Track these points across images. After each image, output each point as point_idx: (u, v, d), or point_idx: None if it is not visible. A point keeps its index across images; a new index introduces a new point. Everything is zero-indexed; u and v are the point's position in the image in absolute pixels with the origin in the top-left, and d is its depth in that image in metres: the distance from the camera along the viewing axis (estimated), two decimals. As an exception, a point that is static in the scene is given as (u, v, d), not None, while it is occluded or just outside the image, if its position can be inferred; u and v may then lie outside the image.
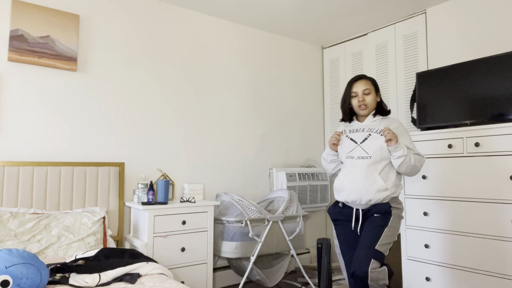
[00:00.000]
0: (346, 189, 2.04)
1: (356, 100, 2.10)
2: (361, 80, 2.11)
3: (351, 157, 2.06)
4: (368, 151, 2.01)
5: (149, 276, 1.95)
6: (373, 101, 2.09)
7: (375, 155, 2.00)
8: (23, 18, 2.52)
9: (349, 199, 2.04)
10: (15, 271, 1.52)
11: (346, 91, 2.14)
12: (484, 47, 2.93)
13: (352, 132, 2.12)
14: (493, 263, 2.35)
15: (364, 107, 2.08)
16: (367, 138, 2.05)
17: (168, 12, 3.22)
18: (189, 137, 3.28)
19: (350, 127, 2.18)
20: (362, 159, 2.02)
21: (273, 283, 3.04)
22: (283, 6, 3.28)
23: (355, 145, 2.07)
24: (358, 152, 2.04)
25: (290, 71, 4.01)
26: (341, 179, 2.08)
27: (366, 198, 1.98)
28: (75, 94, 2.74)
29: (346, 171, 2.07)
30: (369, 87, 2.09)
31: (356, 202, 2.02)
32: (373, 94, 2.10)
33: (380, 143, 2.00)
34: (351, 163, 2.05)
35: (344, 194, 2.06)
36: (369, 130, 2.08)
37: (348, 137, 2.12)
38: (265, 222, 2.98)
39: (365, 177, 1.99)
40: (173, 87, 3.21)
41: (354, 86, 2.11)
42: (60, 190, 2.55)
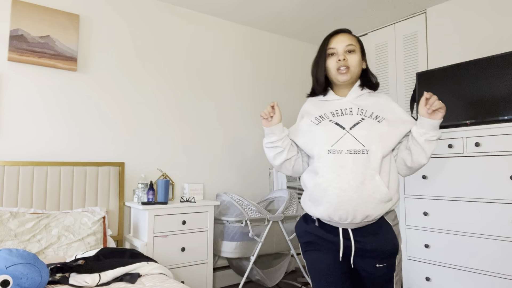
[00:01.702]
0: (331, 200, 1.33)
1: (334, 60, 1.44)
2: (342, 33, 1.47)
3: (338, 151, 1.35)
4: (364, 142, 1.34)
5: (149, 276, 1.95)
6: (358, 63, 1.44)
7: (375, 148, 1.33)
8: (23, 18, 2.52)
9: (334, 216, 1.33)
10: (15, 271, 1.52)
11: (321, 50, 1.49)
12: (484, 47, 2.93)
13: (336, 116, 1.44)
14: (493, 263, 2.35)
15: (345, 70, 1.42)
16: (359, 122, 1.38)
17: (168, 12, 3.22)
18: (189, 137, 3.28)
19: (328, 105, 1.49)
20: (356, 153, 1.33)
21: (273, 283, 3.04)
22: (283, 6, 3.28)
23: (343, 132, 1.37)
24: (348, 143, 1.34)
25: (290, 71, 4.01)
26: (322, 186, 1.34)
27: (362, 214, 1.31)
28: (75, 94, 2.74)
29: (329, 173, 1.34)
30: (353, 43, 1.45)
31: (347, 220, 1.32)
32: (359, 55, 1.45)
33: (379, 129, 1.37)
34: (338, 160, 1.34)
35: (326, 208, 1.34)
36: (360, 109, 1.43)
37: (329, 120, 1.43)
38: (265, 222, 2.98)
39: (362, 182, 1.30)
40: (173, 86, 3.21)
41: (332, 41, 1.46)
42: (60, 190, 2.54)
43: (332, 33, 1.51)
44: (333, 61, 1.45)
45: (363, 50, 1.50)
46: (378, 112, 1.42)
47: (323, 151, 1.37)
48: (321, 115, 1.46)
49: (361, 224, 1.36)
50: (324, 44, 1.49)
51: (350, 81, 1.46)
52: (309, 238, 1.44)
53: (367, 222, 1.35)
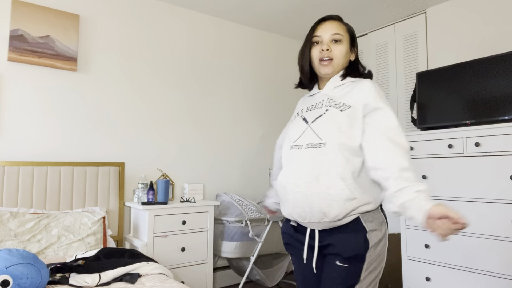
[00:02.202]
0: (289, 197, 1.26)
1: (317, 49, 1.32)
2: (330, 21, 1.34)
3: (299, 147, 1.27)
4: (322, 135, 1.23)
5: (149, 276, 1.95)
6: (343, 55, 1.31)
7: (331, 141, 1.22)
8: (23, 18, 2.52)
9: (294, 214, 1.26)
10: (15, 271, 1.52)
11: (307, 37, 1.37)
12: (484, 47, 2.93)
13: (309, 110, 1.34)
14: (493, 263, 2.35)
15: (327, 62, 1.29)
16: (322, 114, 1.28)
17: (168, 12, 3.22)
18: (189, 137, 3.28)
19: (310, 100, 1.40)
20: (314, 148, 1.23)
21: (273, 283, 3.04)
22: (283, 6, 3.28)
23: (305, 126, 1.30)
24: (308, 138, 1.26)
25: (290, 71, 4.01)
26: (282, 183, 1.29)
27: (318, 211, 1.20)
28: (75, 94, 2.74)
29: (288, 170, 1.28)
30: (340, 33, 1.31)
31: (305, 219, 1.24)
32: (345, 46, 1.32)
33: (340, 119, 1.24)
34: (298, 156, 1.26)
35: (288, 207, 1.28)
36: (329, 99, 1.31)
37: (301, 116, 1.36)
38: (265, 222, 2.98)
39: (316, 177, 1.20)
40: (173, 87, 3.21)
41: (318, 28, 1.34)
42: (60, 190, 2.54)
43: (320, 19, 1.36)
44: (317, 51, 1.32)
45: (353, 40, 1.36)
46: (345, 101, 1.27)
47: (287, 148, 1.33)
48: (298, 112, 1.40)
49: (330, 225, 1.22)
50: (311, 31, 1.36)
51: (332, 74, 1.32)
52: (286, 239, 1.40)
53: (334, 224, 1.20)
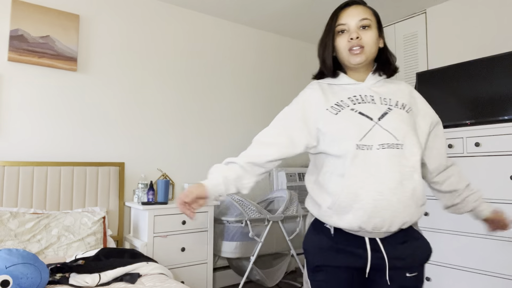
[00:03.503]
0: (365, 206, 1.07)
1: (344, 38, 1.18)
2: (355, 5, 1.20)
3: (367, 147, 1.09)
4: (398, 135, 1.10)
5: (149, 276, 1.95)
6: (374, 41, 1.18)
7: (410, 143, 1.11)
8: (23, 18, 2.52)
9: (368, 225, 1.08)
10: (15, 271, 1.52)
11: (328, 26, 1.22)
12: (484, 47, 2.93)
13: (357, 103, 1.16)
14: (493, 263, 2.35)
15: (359, 50, 1.16)
16: (387, 112, 1.14)
17: (169, 12, 3.22)
18: (189, 137, 3.28)
19: (341, 90, 1.21)
20: (390, 148, 1.09)
21: (273, 283, 3.04)
22: (283, 6, 3.28)
23: (371, 123, 1.12)
24: (379, 137, 1.10)
25: (290, 71, 4.01)
26: (352, 189, 1.08)
27: (400, 221, 1.09)
28: (75, 94, 2.74)
29: (360, 173, 1.08)
30: (368, 17, 1.18)
31: (381, 229, 1.09)
32: (375, 31, 1.18)
33: (411, 121, 1.15)
34: (369, 157, 1.08)
35: (358, 217, 1.08)
36: (382, 98, 1.18)
37: (351, 109, 1.15)
38: (265, 222, 2.98)
39: (400, 182, 1.07)
40: (173, 86, 3.21)
41: (342, 15, 1.20)
42: (60, 190, 2.54)
43: (342, 5, 1.21)
44: (344, 40, 1.18)
45: (380, 25, 1.22)
46: (403, 101, 1.19)
47: (350, 147, 1.09)
48: (337, 103, 1.16)
49: (390, 233, 1.13)
50: (333, 19, 1.21)
51: (365, 63, 1.19)
52: (321, 260, 1.14)
53: (397, 229, 1.12)
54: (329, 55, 1.22)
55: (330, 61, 1.22)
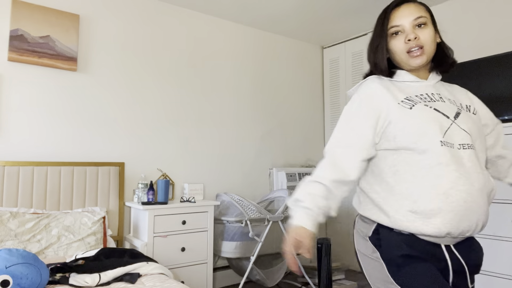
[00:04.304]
0: (456, 209, 0.98)
1: (400, 40, 1.11)
2: (406, 4, 1.13)
3: (450, 145, 1.02)
4: (473, 136, 1.06)
5: (149, 276, 1.95)
6: (432, 39, 1.11)
7: (479, 146, 1.08)
8: (23, 18, 2.52)
9: (456, 230, 1.00)
10: (15, 271, 1.52)
11: (379, 29, 1.16)
12: (484, 47, 2.93)
13: (427, 100, 1.09)
14: (493, 263, 2.35)
15: (419, 51, 1.09)
16: (459, 112, 1.09)
17: (168, 12, 3.22)
18: (189, 137, 3.28)
19: (406, 87, 1.14)
20: (469, 149, 1.03)
21: (273, 283, 3.04)
22: (283, 6, 3.28)
23: (448, 121, 1.05)
24: (457, 136, 1.04)
25: (290, 71, 4.01)
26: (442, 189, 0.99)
27: (482, 224, 1.03)
28: (75, 94, 2.74)
29: (449, 172, 1.00)
30: (423, 15, 1.11)
31: (467, 233, 1.02)
32: (432, 28, 1.12)
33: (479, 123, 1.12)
34: (454, 156, 1.01)
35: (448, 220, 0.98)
36: (448, 98, 1.13)
37: (425, 105, 1.07)
38: (265, 222, 2.98)
39: (484, 184, 1.03)
40: (173, 87, 3.21)
41: (394, 16, 1.13)
42: (60, 190, 2.55)
43: (392, 5, 1.14)
44: (400, 42, 1.11)
45: (434, 20, 1.15)
46: (466, 103, 1.16)
47: (434, 143, 1.01)
48: (407, 98, 1.09)
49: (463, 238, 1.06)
50: (384, 21, 1.14)
51: (426, 63, 1.12)
52: (409, 250, 1.02)
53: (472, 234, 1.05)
54: (383, 58, 1.15)
55: (385, 64, 1.15)
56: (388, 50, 1.15)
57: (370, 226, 1.10)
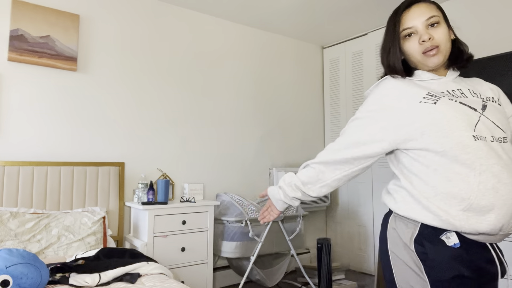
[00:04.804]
0: (508, 202, 0.95)
1: (415, 42, 1.10)
2: (417, 4, 1.12)
3: (483, 138, 0.99)
4: (503, 128, 1.04)
5: (149, 276, 1.95)
6: (447, 37, 1.10)
7: (509, 136, 1.05)
8: (23, 18, 2.52)
9: (509, 224, 0.97)
10: (15, 271, 1.52)
11: (390, 32, 1.15)
12: (484, 46, 2.93)
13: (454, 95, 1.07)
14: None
15: (435, 51, 1.08)
16: (486, 104, 1.06)
17: (168, 12, 3.22)
18: (189, 137, 3.28)
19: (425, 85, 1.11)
20: (500, 142, 1.01)
21: (273, 283, 3.04)
22: (283, 6, 3.28)
23: (476, 114, 1.02)
24: (487, 129, 1.01)
25: (290, 71, 4.01)
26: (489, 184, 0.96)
27: None
28: (75, 94, 2.74)
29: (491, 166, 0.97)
30: (435, 14, 1.10)
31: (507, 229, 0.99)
32: (445, 26, 1.11)
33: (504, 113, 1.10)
34: (490, 149, 0.98)
35: (502, 215, 0.95)
36: (471, 91, 1.11)
37: (450, 99, 1.04)
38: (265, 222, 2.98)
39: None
40: (173, 87, 3.21)
41: (405, 18, 1.12)
42: (60, 190, 2.55)
43: (403, 6, 1.13)
44: (415, 44, 1.10)
45: (446, 17, 1.14)
46: (489, 95, 1.13)
47: (466, 138, 0.97)
48: (429, 93, 1.06)
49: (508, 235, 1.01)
50: (395, 24, 1.13)
51: (443, 62, 1.10)
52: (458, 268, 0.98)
53: None
54: (398, 60, 1.13)
55: (400, 66, 1.13)
56: (402, 52, 1.14)
57: (412, 229, 1.05)
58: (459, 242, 0.98)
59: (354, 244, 3.82)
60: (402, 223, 1.07)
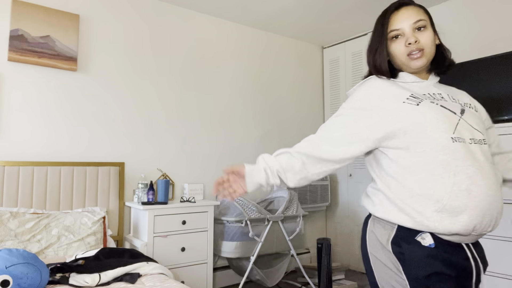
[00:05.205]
0: (480, 204, 0.98)
1: (401, 44, 1.13)
2: (405, 7, 1.14)
3: (462, 140, 1.02)
4: (481, 131, 1.09)
5: (149, 276, 1.95)
6: (432, 41, 1.12)
7: (486, 139, 1.10)
8: (23, 18, 2.52)
9: (481, 225, 1.00)
10: (15, 271, 1.52)
11: (378, 33, 1.17)
12: (484, 47, 2.93)
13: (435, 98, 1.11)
14: (493, 263, 2.35)
15: (419, 54, 1.11)
16: (464, 109, 1.11)
17: (168, 12, 3.22)
18: (189, 136, 3.28)
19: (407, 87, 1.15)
20: (479, 144, 1.05)
21: (273, 283, 3.04)
22: (283, 6, 3.28)
23: (456, 116, 1.06)
24: (467, 131, 1.05)
25: (290, 71, 4.01)
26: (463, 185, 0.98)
27: (499, 218, 1.04)
28: (75, 94, 2.75)
29: (466, 167, 0.99)
30: (422, 18, 1.12)
31: (489, 228, 1.02)
32: (431, 30, 1.13)
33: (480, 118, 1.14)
34: (467, 151, 1.02)
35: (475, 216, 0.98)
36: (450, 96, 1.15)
37: (431, 102, 1.08)
38: (265, 222, 2.98)
39: (497, 177, 1.04)
40: (173, 87, 3.21)
41: (393, 20, 1.14)
42: (60, 190, 2.55)
43: (392, 8, 1.15)
44: (400, 46, 1.12)
45: (432, 22, 1.17)
46: (467, 101, 1.18)
47: (445, 140, 1.00)
48: (412, 95, 1.08)
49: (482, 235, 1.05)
50: (383, 25, 1.15)
51: (427, 65, 1.14)
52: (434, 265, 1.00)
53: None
54: (384, 61, 1.15)
55: (386, 67, 1.16)
56: (388, 53, 1.16)
57: (389, 231, 1.07)
58: (434, 243, 1.01)
59: (354, 244, 3.82)
60: (380, 225, 1.10)
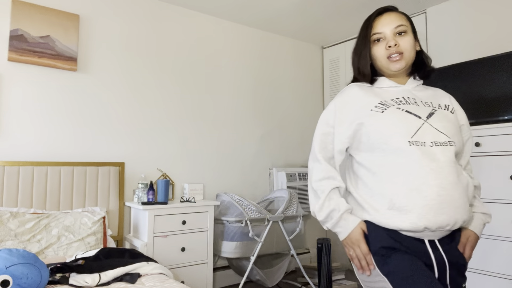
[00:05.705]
0: (429, 203, 1.04)
1: (382, 47, 1.20)
2: (388, 13, 1.22)
3: (421, 143, 1.09)
4: (448, 133, 1.13)
5: (149, 276, 1.95)
6: (412, 46, 1.20)
7: (458, 141, 1.14)
8: (23, 18, 2.52)
9: (433, 224, 1.05)
10: (15, 271, 1.52)
11: (362, 36, 1.24)
12: (484, 47, 2.93)
13: (402, 103, 1.17)
14: (493, 263, 2.35)
15: (398, 57, 1.18)
16: (433, 112, 1.17)
17: (168, 12, 3.22)
18: (189, 137, 3.28)
19: (383, 92, 1.22)
20: (443, 146, 1.10)
21: (273, 283, 3.04)
22: (283, 6, 3.28)
23: (420, 121, 1.13)
24: (429, 135, 1.11)
25: (290, 71, 4.01)
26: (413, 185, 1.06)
27: (462, 217, 1.07)
28: (75, 94, 2.74)
29: (418, 168, 1.06)
30: (403, 23, 1.20)
31: (447, 227, 1.06)
32: (412, 36, 1.21)
33: (456, 121, 1.19)
34: (424, 153, 1.08)
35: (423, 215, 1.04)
36: (424, 101, 1.21)
37: (397, 108, 1.15)
38: (265, 222, 2.98)
39: (458, 177, 1.08)
40: (173, 86, 3.21)
41: (376, 24, 1.22)
42: (60, 190, 2.54)
43: (376, 13, 1.23)
44: (381, 49, 1.20)
45: (414, 29, 1.24)
46: (445, 102, 1.23)
47: (402, 144, 1.08)
48: (381, 102, 1.17)
49: (447, 233, 1.11)
50: (367, 28, 1.22)
51: (405, 68, 1.21)
52: (392, 243, 1.08)
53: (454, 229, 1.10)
54: (366, 64, 1.23)
55: (368, 70, 1.23)
56: (371, 56, 1.24)
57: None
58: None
59: (354, 244, 3.82)
60: None
